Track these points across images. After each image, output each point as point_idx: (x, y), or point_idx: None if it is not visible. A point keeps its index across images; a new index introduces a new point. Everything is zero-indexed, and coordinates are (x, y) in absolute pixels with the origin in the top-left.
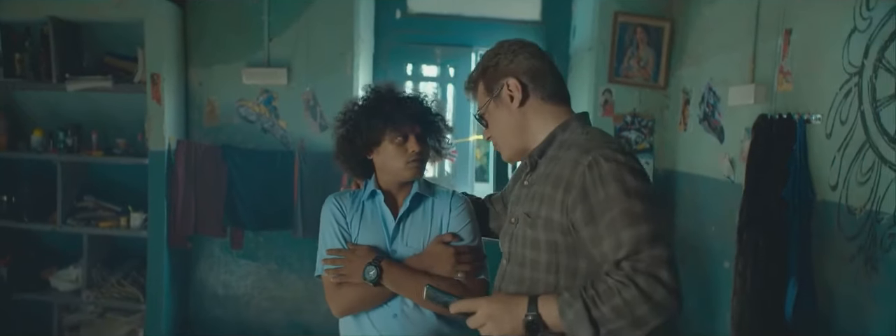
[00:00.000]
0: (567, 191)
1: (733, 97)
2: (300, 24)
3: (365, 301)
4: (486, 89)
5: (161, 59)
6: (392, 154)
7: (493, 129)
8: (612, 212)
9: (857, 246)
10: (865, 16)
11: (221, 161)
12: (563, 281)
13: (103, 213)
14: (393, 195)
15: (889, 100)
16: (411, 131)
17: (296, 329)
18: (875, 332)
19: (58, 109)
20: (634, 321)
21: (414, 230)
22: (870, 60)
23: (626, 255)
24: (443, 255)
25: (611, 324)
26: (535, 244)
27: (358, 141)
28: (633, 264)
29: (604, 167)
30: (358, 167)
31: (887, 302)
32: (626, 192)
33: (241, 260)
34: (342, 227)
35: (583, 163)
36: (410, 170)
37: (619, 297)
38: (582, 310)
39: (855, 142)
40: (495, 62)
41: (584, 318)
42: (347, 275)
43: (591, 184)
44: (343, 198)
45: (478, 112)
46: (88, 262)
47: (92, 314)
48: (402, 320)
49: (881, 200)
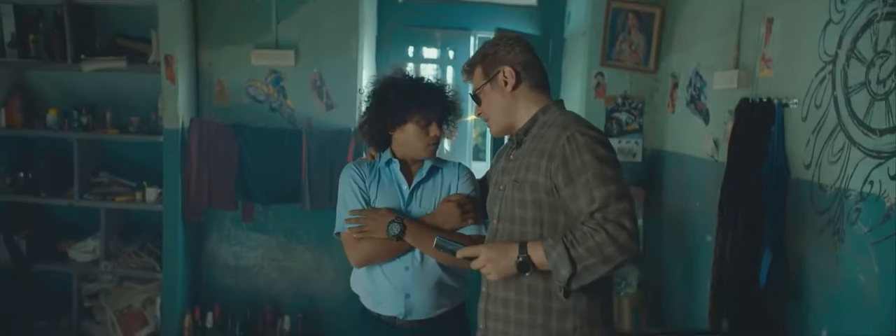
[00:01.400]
0: (550, 159)
1: (718, 82)
2: (307, 7)
3: (381, 253)
4: (484, 73)
5: (174, 40)
6: (414, 135)
7: (485, 108)
8: (586, 174)
9: (827, 219)
10: (840, 8)
11: (233, 138)
12: (546, 232)
13: (118, 188)
14: (407, 165)
15: (859, 87)
16: (435, 118)
17: (302, 298)
18: (839, 295)
19: (71, 89)
20: (604, 259)
21: (426, 195)
22: (843, 50)
23: (598, 208)
24: (452, 211)
25: (585, 261)
26: (522, 204)
27: (386, 118)
28: (603, 215)
29: (580, 140)
30: (378, 139)
31: (851, 268)
32: (598, 159)
33: (251, 232)
34: (362, 190)
35: (563, 137)
36: (429, 151)
37: (592, 240)
38: (563, 251)
39: (827, 125)
40: (495, 51)
41: (564, 257)
42: (371, 231)
43: (569, 153)
44: (361, 166)
45: (474, 91)
46: (105, 235)
47: (110, 283)
48: (412, 272)
49: (849, 178)
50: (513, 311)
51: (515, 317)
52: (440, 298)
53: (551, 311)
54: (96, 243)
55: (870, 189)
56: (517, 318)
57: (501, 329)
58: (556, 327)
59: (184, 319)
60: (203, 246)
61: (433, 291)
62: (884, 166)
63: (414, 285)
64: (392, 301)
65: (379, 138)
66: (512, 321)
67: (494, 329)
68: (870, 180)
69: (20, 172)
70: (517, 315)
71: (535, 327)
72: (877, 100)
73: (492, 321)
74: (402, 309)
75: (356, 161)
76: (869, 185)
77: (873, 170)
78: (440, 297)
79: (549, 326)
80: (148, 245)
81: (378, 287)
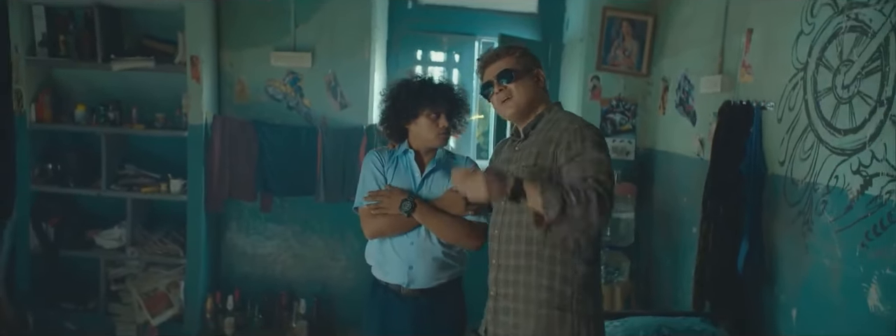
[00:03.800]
0: (557, 145)
1: (704, 86)
2: (324, 12)
3: (390, 228)
4: (525, 65)
5: (199, 42)
6: (426, 126)
7: (516, 90)
8: (584, 155)
9: (798, 211)
10: (810, 21)
11: (253, 134)
12: None
13: (143, 179)
14: (421, 155)
15: (827, 91)
16: (443, 110)
17: (316, 284)
18: (807, 278)
19: (97, 86)
20: (584, 213)
21: (436, 182)
22: (813, 59)
23: (588, 176)
24: (456, 199)
25: (571, 208)
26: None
27: (401, 114)
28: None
29: (582, 132)
30: (396, 132)
31: (818, 254)
32: (595, 146)
33: (269, 222)
34: (380, 172)
35: (570, 129)
36: (440, 140)
37: (583, 196)
38: (557, 192)
39: (799, 125)
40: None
41: (557, 197)
42: (386, 207)
43: (573, 140)
44: (382, 153)
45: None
46: (131, 223)
47: (136, 268)
48: (416, 247)
49: (818, 174)
50: (522, 276)
51: (524, 279)
52: (439, 271)
53: (555, 275)
54: (122, 231)
55: (835, 183)
56: (526, 281)
57: (512, 292)
58: (560, 289)
59: (206, 302)
60: (223, 234)
61: (433, 264)
62: (847, 162)
63: (417, 258)
64: (397, 271)
65: (397, 132)
66: (521, 284)
67: (505, 293)
68: (835, 175)
69: (49, 164)
70: (526, 277)
71: (541, 289)
72: (841, 103)
73: (503, 287)
74: (406, 278)
75: (378, 148)
76: (834, 180)
77: (838, 166)
78: (439, 271)
79: (554, 287)
80: (172, 233)
81: (386, 258)
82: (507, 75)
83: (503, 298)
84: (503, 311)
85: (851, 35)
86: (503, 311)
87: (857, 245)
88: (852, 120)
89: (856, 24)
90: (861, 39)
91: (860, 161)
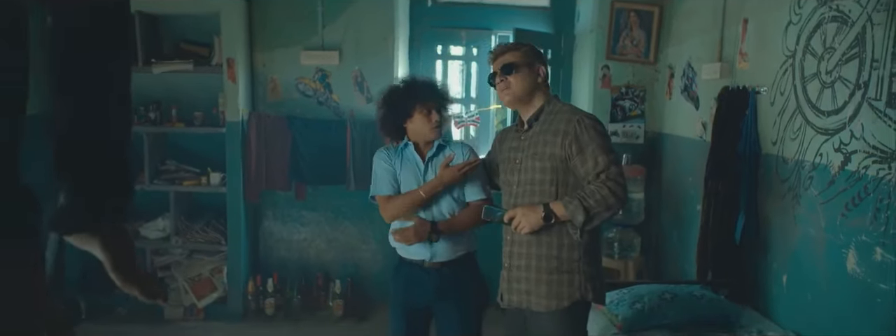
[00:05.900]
0: (564, 136)
1: (705, 72)
2: (349, 12)
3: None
4: (528, 61)
5: (234, 45)
6: (421, 122)
7: (515, 81)
8: (592, 145)
9: (788, 186)
10: (797, 11)
11: (286, 129)
12: (559, 190)
13: (184, 174)
14: (420, 147)
15: (812, 77)
16: (433, 106)
17: (348, 266)
18: (796, 247)
19: (138, 89)
20: (607, 207)
21: (436, 165)
22: (800, 47)
23: (602, 170)
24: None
25: (594, 210)
26: (542, 170)
27: (397, 113)
28: (606, 175)
29: (586, 122)
30: (395, 132)
31: (805, 225)
32: (600, 134)
33: (303, 210)
34: (389, 164)
35: (574, 120)
36: (435, 132)
37: (599, 194)
38: (578, 204)
39: (789, 108)
40: (539, 53)
41: (579, 207)
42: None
43: (580, 131)
44: (388, 149)
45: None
46: (174, 215)
47: (180, 255)
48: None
49: (805, 152)
50: (534, 248)
51: (535, 252)
52: (456, 246)
53: (563, 246)
54: (166, 222)
55: (819, 160)
56: (537, 253)
57: (524, 263)
58: (566, 256)
59: (247, 285)
60: (261, 222)
61: (450, 240)
62: (830, 141)
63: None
64: (419, 248)
65: (394, 132)
66: (533, 255)
67: (518, 265)
68: (820, 153)
69: None
70: (537, 250)
71: (551, 259)
72: (825, 87)
73: (516, 259)
74: (428, 254)
75: (384, 147)
76: (819, 157)
77: (822, 144)
78: (456, 245)
79: (561, 256)
80: (213, 222)
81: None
82: (509, 68)
83: (516, 269)
84: (516, 279)
85: (833, 25)
86: (516, 279)
87: (837, 216)
88: (834, 102)
89: (837, 14)
90: (842, 28)
91: (841, 140)
